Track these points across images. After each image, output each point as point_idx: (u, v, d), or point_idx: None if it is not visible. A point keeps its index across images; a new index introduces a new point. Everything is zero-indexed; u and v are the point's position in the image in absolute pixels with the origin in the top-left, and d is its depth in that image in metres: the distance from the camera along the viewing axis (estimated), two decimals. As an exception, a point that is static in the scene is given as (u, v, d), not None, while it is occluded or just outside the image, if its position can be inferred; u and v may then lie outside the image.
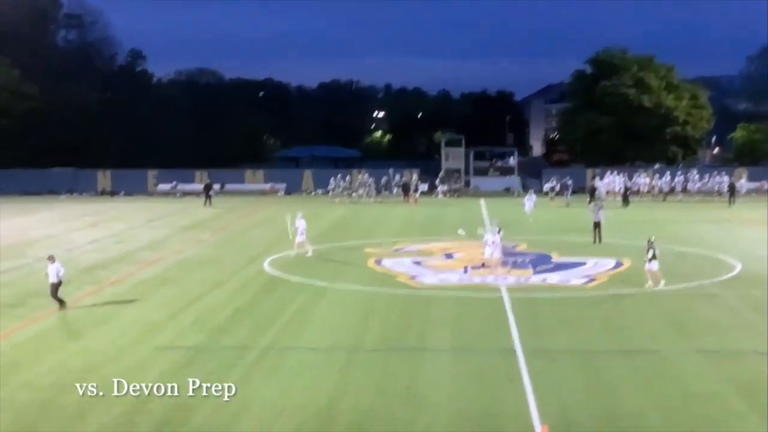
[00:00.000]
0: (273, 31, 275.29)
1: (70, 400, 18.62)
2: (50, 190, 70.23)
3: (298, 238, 36.96)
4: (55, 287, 27.43)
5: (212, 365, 21.17)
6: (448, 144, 76.62)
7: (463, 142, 75.44)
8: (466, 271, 33.83)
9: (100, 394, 18.93)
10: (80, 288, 30.98)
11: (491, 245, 33.32)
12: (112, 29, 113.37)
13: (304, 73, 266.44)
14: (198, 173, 71.10)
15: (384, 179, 67.09)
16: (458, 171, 73.02)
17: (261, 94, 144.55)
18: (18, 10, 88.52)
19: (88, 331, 24.78)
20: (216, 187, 67.37)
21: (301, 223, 36.98)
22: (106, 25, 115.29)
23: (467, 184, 72.34)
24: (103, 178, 72.18)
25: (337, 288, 30.77)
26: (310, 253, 36.89)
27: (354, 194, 65.78)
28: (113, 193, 70.18)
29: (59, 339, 23.86)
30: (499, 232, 33.99)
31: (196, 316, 26.58)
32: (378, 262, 35.85)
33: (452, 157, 73.95)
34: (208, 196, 61.23)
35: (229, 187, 70.69)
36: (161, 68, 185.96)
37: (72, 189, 70.73)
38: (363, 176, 68.30)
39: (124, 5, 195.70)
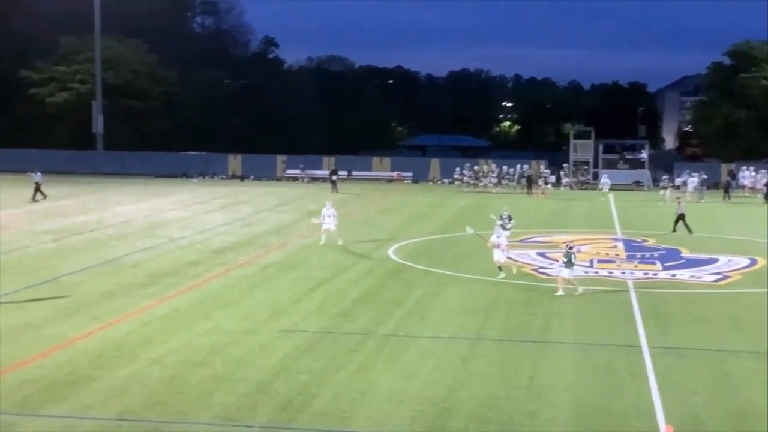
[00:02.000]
0: (404, 19, 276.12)
1: (197, 378, 19.06)
2: (183, 173, 72.02)
3: (325, 226, 36.61)
4: None
5: (334, 350, 21.35)
6: (577, 136, 75.50)
7: (593, 134, 74.19)
8: (591, 264, 33.27)
9: (226, 373, 19.38)
10: (210, 269, 31.68)
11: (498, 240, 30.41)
12: (247, 16, 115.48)
13: (433, 61, 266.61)
14: (326, 159, 71.84)
15: (511, 170, 66.49)
16: (586, 163, 71.88)
17: (390, 82, 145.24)
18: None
19: (216, 311, 25.31)
20: (343, 173, 67.97)
21: (329, 212, 36.74)
22: (240, 12, 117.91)
23: (595, 176, 71.15)
24: (234, 162, 73.62)
25: (461, 277, 30.67)
26: (340, 242, 36.55)
27: (480, 184, 65.44)
28: (243, 178, 71.50)
29: (188, 318, 24.43)
30: (508, 222, 33.31)
31: (320, 300, 26.86)
32: (503, 252, 35.50)
33: (580, 149, 72.83)
34: (333, 182, 61.83)
35: (356, 173, 71.22)
36: (293, 55, 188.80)
37: (203, 172, 72.38)
38: (490, 166, 67.90)
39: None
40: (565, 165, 70.62)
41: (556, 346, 22.01)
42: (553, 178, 67.71)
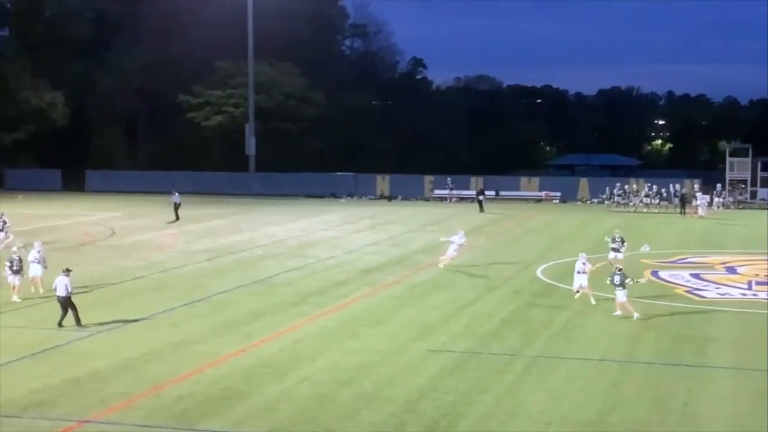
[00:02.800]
0: (553, 37, 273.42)
1: (346, 396, 19.27)
2: (332, 193, 73.09)
3: (449, 253, 35.94)
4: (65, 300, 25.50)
5: (482, 371, 21.24)
6: (734, 153, 73.07)
7: (750, 151, 71.69)
8: (750, 286, 32.12)
9: (374, 392, 19.52)
10: (358, 289, 32.03)
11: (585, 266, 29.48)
12: (395, 38, 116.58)
13: (582, 80, 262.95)
14: (473, 179, 71.72)
15: (662, 190, 64.82)
16: (744, 182, 69.48)
17: (539, 101, 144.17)
18: (307, 21, 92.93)
19: (364, 331, 25.55)
20: (490, 193, 67.73)
21: (457, 239, 36.01)
22: (389, 34, 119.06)
23: (753, 195, 68.66)
24: (382, 182, 74.28)
25: (610, 297, 30.06)
26: (441, 265, 36.00)
27: (631, 204, 64.08)
28: (391, 198, 72.04)
29: (337, 337, 24.74)
30: (621, 245, 31.56)
31: (467, 320, 26.79)
32: (654, 273, 34.73)
33: (737, 167, 70.46)
34: (479, 202, 61.66)
35: (503, 193, 70.85)
36: (440, 75, 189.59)
37: (352, 193, 73.26)
38: (641, 185, 66.43)
39: (407, 14, 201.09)
40: (718, 184, 68.43)
41: (712, 371, 21.33)
42: (705, 198, 65.59)
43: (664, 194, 64.38)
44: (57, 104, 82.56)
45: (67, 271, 25.85)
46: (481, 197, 62.54)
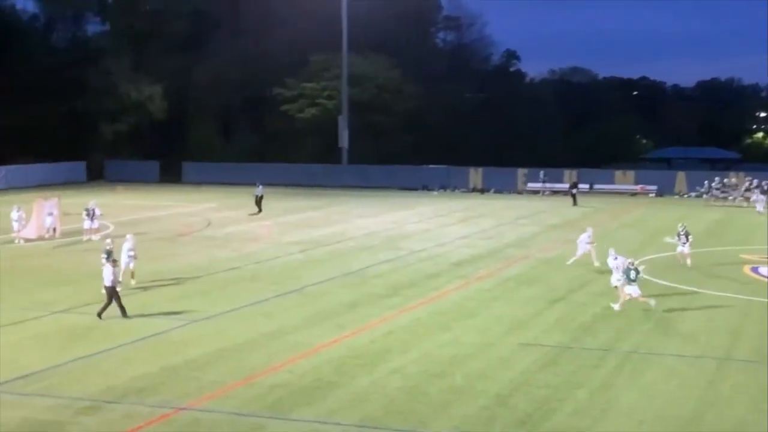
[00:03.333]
0: (650, 28, 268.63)
1: (437, 388, 19.31)
2: (424, 185, 73.15)
3: (579, 252, 34.93)
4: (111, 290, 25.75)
5: (574, 365, 21.06)
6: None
7: None
8: None
9: (465, 385, 19.53)
10: (450, 281, 32.04)
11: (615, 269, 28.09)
12: (489, 29, 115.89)
13: (680, 71, 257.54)
14: (567, 172, 70.99)
15: (764, 183, 63.17)
16: None
17: (635, 93, 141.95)
18: (401, 14, 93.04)
19: (456, 323, 25.55)
20: (584, 186, 66.98)
21: (585, 238, 34.97)
22: (483, 26, 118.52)
23: None
24: (475, 175, 74.05)
25: (707, 294, 29.51)
26: (597, 264, 35.13)
27: (730, 198, 62.67)
28: (483, 191, 71.80)
29: (428, 329, 24.79)
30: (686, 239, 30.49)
31: (560, 314, 26.59)
32: (754, 269, 33.97)
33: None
34: (573, 195, 61.01)
35: (598, 186, 69.98)
36: (534, 67, 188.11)
37: (444, 185, 73.21)
38: (741, 179, 64.90)
39: (501, 6, 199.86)
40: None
41: (813, 370, 20.77)
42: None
43: (766, 188, 62.76)
44: (156, 98, 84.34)
45: (114, 261, 26.29)
46: (574, 190, 61.88)
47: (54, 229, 42.41)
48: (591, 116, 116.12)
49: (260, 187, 54.38)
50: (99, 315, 25.39)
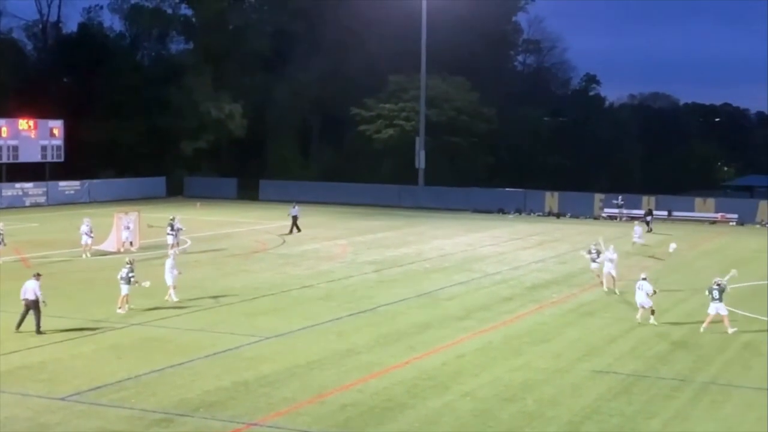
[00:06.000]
0: (734, 54, 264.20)
1: (508, 413, 19.14)
2: (500, 208, 72.78)
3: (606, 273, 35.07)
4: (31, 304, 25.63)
5: (649, 395, 20.70)
6: None
7: None
8: None
9: (537, 411, 19.31)
10: (524, 305, 31.79)
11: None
12: (569, 54, 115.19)
13: (764, 98, 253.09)
14: (645, 198, 70.01)
15: None
16: None
17: (717, 119, 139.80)
18: (480, 36, 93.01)
19: (528, 348, 25.32)
20: (662, 213, 65.98)
21: (609, 254, 35.07)
22: (563, 49, 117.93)
23: None
24: (551, 199, 73.44)
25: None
26: (605, 288, 34.88)
27: (814, 228, 61.17)
28: (559, 215, 71.18)
29: (501, 353, 24.60)
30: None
31: (635, 342, 26.18)
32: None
33: None
34: (647, 222, 60.09)
35: (676, 214, 68.88)
36: (614, 92, 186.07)
37: (520, 209, 72.74)
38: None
39: (581, 29, 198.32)
40: None
41: None
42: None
43: None
44: (235, 115, 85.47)
45: (38, 275, 26.34)
46: (648, 218, 60.95)
47: (131, 243, 43.10)
48: (671, 142, 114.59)
49: (296, 207, 54.23)
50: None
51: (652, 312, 28.73)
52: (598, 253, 35.74)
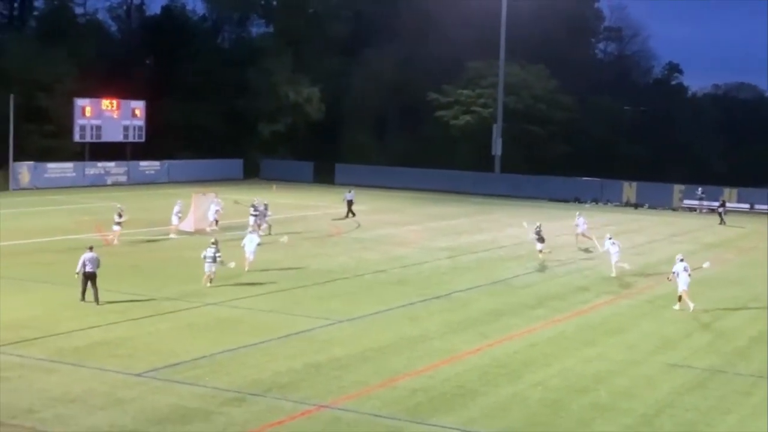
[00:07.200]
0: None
1: (579, 404, 18.99)
2: (576, 198, 72.04)
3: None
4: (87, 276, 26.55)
5: (725, 390, 20.36)
6: None
7: None
8: None
9: (609, 403, 19.12)
10: (598, 296, 31.50)
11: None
12: (651, 42, 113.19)
13: None
14: (727, 191, 68.70)
15: None
16: None
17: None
18: (561, 23, 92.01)
19: (602, 339, 25.09)
20: (744, 206, 64.71)
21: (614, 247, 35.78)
22: (646, 37, 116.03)
23: None
24: (629, 189, 72.46)
25: None
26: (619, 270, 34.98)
27: None
28: (637, 205, 70.22)
29: (573, 343, 24.40)
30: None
31: (712, 337, 25.76)
32: None
33: None
34: (720, 214, 58.94)
35: (759, 207, 67.47)
36: (697, 82, 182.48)
37: (597, 198, 71.93)
38: None
39: (664, 16, 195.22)
40: None
41: None
42: None
43: None
44: (313, 99, 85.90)
45: (91, 248, 27.09)
46: (721, 209, 59.76)
47: (216, 222, 43.67)
48: (756, 134, 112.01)
49: (352, 192, 54.07)
50: None
51: (679, 298, 29.08)
52: (539, 234, 38.29)
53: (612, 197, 72.11)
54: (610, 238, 36.07)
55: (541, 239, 38.33)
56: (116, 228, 38.73)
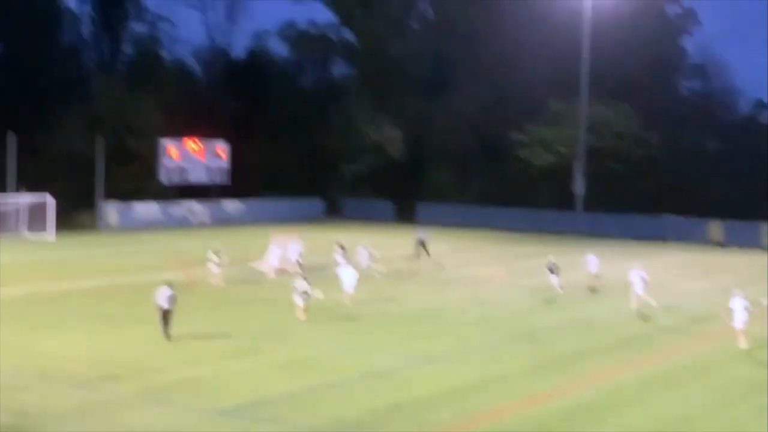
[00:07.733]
0: None
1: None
2: (660, 236, 70.96)
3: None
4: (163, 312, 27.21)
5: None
6: None
7: None
8: None
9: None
10: (685, 337, 30.94)
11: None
12: (737, 79, 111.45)
13: None
14: (819, 230, 66.96)
15: None
16: None
17: None
18: (643, 60, 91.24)
19: (689, 381, 24.58)
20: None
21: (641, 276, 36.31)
22: (730, 75, 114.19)
23: None
24: (715, 227, 71.18)
25: None
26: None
27: None
28: (723, 245, 68.86)
29: (659, 385, 23.86)
30: None
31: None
32: None
33: None
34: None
35: None
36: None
37: (682, 237, 70.75)
38: None
39: (751, 52, 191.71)
40: None
41: None
42: None
43: None
44: (395, 139, 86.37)
45: (169, 284, 27.63)
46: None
47: (298, 263, 43.69)
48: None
49: (423, 231, 54.02)
50: None
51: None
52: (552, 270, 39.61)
53: (697, 236, 70.88)
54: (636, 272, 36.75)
55: (555, 274, 39.69)
56: (216, 270, 39.19)
